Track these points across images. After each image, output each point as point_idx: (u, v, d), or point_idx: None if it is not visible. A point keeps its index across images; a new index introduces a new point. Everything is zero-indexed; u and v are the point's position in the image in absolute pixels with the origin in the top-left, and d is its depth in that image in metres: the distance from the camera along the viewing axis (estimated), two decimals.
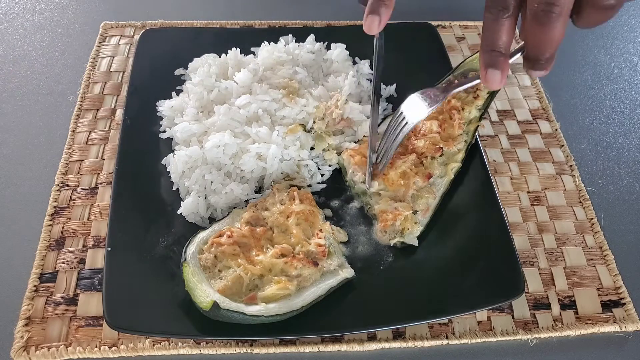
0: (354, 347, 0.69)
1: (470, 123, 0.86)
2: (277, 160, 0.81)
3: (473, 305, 0.69)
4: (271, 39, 0.97)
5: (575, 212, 0.86)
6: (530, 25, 0.54)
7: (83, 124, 0.93)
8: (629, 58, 1.12)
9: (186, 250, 0.69)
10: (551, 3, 0.51)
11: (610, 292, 0.77)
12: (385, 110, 0.95)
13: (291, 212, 0.75)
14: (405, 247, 0.76)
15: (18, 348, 0.67)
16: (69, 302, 0.72)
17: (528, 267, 0.78)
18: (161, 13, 1.14)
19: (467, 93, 0.88)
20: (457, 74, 0.92)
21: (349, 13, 1.14)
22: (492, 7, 0.56)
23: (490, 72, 0.57)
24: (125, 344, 0.68)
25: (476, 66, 0.92)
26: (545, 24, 0.53)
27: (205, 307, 0.63)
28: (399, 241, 0.76)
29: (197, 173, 0.79)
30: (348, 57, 0.97)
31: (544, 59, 0.57)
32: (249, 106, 0.84)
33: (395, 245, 0.76)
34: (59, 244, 0.78)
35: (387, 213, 0.77)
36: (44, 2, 1.16)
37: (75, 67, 1.03)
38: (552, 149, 0.94)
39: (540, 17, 0.52)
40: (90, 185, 0.85)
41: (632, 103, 1.03)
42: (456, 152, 0.83)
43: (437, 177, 0.81)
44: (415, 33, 1.04)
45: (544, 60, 0.57)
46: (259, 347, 0.69)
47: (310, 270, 0.69)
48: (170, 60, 0.97)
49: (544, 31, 0.53)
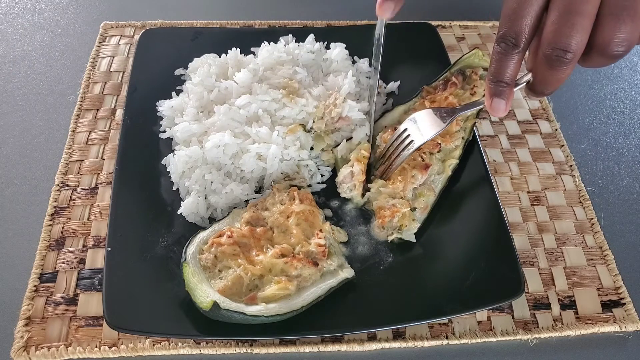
0: (354, 347, 0.69)
1: (467, 120, 0.86)
2: (277, 160, 0.81)
3: (473, 305, 0.69)
4: (271, 39, 0.97)
5: (575, 212, 0.86)
6: (541, 65, 0.56)
7: (83, 124, 0.93)
8: (629, 58, 1.12)
9: (186, 250, 0.69)
10: (565, 50, 0.53)
11: (610, 292, 0.77)
12: (384, 105, 0.95)
13: (291, 212, 0.75)
14: (405, 247, 0.76)
15: (18, 348, 0.67)
16: (69, 302, 0.72)
17: (528, 267, 0.78)
18: (161, 13, 1.14)
19: (464, 90, 0.89)
20: (454, 70, 0.92)
21: (349, 13, 1.14)
22: (503, 41, 0.57)
23: (496, 102, 0.61)
24: (125, 344, 0.68)
25: (473, 63, 0.92)
26: (556, 68, 0.55)
27: (205, 307, 0.63)
28: (396, 237, 0.76)
29: (197, 173, 0.79)
30: (348, 56, 0.97)
31: (548, 93, 0.60)
32: (249, 106, 0.84)
33: (393, 241, 0.76)
34: (59, 244, 0.78)
35: (385, 209, 0.77)
36: (44, 2, 1.16)
37: (75, 67, 1.03)
38: (552, 149, 0.94)
39: (553, 62, 0.54)
40: (90, 185, 0.85)
41: (632, 103, 1.03)
42: (454, 148, 0.84)
43: (435, 173, 0.81)
44: (415, 33, 1.04)
45: (547, 93, 0.61)
46: (259, 347, 0.69)
47: (310, 270, 0.69)
48: (170, 60, 0.97)
49: (554, 73, 0.56)
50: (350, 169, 0.81)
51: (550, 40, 0.53)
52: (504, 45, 0.57)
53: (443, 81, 0.91)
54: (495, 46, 0.58)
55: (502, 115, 0.62)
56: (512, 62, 0.58)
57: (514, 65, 0.58)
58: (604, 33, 0.52)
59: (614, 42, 0.52)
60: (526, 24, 0.55)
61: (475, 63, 0.93)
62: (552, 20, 0.53)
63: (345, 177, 0.81)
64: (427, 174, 0.80)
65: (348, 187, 0.81)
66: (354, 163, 0.81)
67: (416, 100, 0.90)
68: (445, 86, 0.89)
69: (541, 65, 0.56)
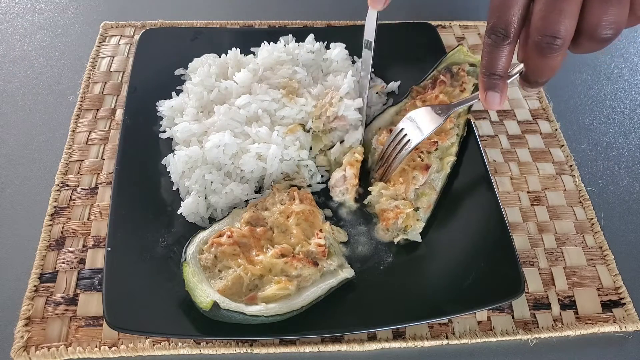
0: (354, 347, 0.69)
1: (459, 116, 0.87)
2: (277, 160, 0.81)
3: (473, 305, 0.69)
4: (271, 39, 0.97)
5: (575, 212, 0.86)
6: (532, 54, 0.56)
7: (83, 124, 0.93)
8: (629, 58, 1.12)
9: (186, 250, 0.69)
10: (554, 37, 0.53)
11: (610, 292, 0.77)
12: (385, 104, 0.95)
13: (291, 212, 0.75)
14: (405, 248, 0.76)
15: (18, 348, 0.67)
16: (69, 302, 0.72)
17: (528, 267, 0.78)
18: (161, 13, 1.14)
19: (454, 87, 0.89)
20: (441, 68, 0.92)
21: (349, 13, 1.14)
22: (493, 33, 0.57)
23: (490, 95, 0.60)
24: (125, 344, 0.68)
25: (458, 60, 0.93)
26: (547, 55, 0.55)
27: (205, 307, 0.63)
28: (402, 238, 0.76)
29: (197, 173, 0.79)
30: (347, 56, 0.97)
31: (542, 82, 0.60)
32: (249, 106, 0.84)
33: (399, 242, 0.76)
34: (59, 244, 0.78)
35: (388, 211, 0.77)
36: (44, 2, 1.16)
37: (75, 67, 1.03)
38: (552, 149, 0.94)
39: (543, 49, 0.54)
40: (90, 185, 0.85)
41: (632, 103, 1.03)
42: (450, 145, 0.84)
43: (434, 171, 0.82)
44: (415, 33, 1.04)
45: (541, 83, 0.60)
46: (259, 347, 0.69)
47: (310, 270, 0.69)
48: (170, 60, 0.97)
49: (545, 61, 0.56)
50: (342, 173, 0.81)
51: (539, 27, 0.53)
52: (494, 37, 0.57)
53: (431, 80, 0.91)
54: (485, 39, 0.58)
55: (497, 108, 0.62)
56: (503, 53, 0.58)
57: (506, 56, 0.58)
58: (592, 17, 0.52)
59: (602, 25, 0.52)
60: (514, 14, 0.55)
61: (461, 59, 0.93)
62: (540, 8, 0.53)
63: (338, 180, 0.81)
64: (428, 174, 0.80)
65: (340, 191, 0.81)
66: (347, 167, 0.81)
67: (407, 101, 0.90)
68: (434, 85, 0.89)
69: (532, 54, 0.56)
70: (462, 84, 0.88)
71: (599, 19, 0.51)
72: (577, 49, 0.55)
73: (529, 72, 0.60)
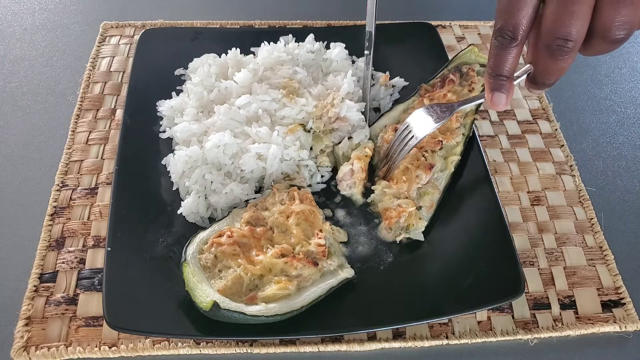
0: (354, 347, 0.69)
1: (466, 116, 0.87)
2: (277, 160, 0.81)
3: (473, 305, 0.69)
4: (271, 39, 0.97)
5: (575, 212, 0.86)
6: (543, 56, 0.56)
7: (83, 124, 0.93)
8: (629, 58, 1.12)
9: (186, 250, 0.69)
10: (566, 39, 0.52)
11: (610, 292, 0.77)
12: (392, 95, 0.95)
13: (291, 212, 0.75)
14: (405, 247, 0.76)
15: (18, 348, 0.67)
16: (69, 302, 0.72)
17: (528, 267, 0.78)
18: (161, 13, 1.14)
19: (462, 87, 0.89)
20: (451, 68, 0.92)
21: (349, 13, 1.14)
22: (500, 35, 0.57)
23: (496, 96, 0.60)
24: (125, 344, 0.68)
25: (469, 60, 0.93)
26: (558, 57, 0.54)
27: (205, 307, 0.63)
28: (405, 237, 0.76)
29: (197, 173, 0.79)
30: (347, 56, 0.97)
31: (550, 84, 0.60)
32: (249, 106, 0.84)
33: (401, 241, 0.76)
34: (59, 244, 0.78)
35: (391, 210, 0.77)
36: (44, 2, 1.16)
37: (75, 67, 1.03)
38: (552, 149, 0.94)
39: (554, 52, 0.54)
40: (90, 185, 0.85)
41: (632, 103, 1.03)
42: (455, 145, 0.84)
43: (438, 170, 0.82)
44: (415, 33, 1.04)
45: (549, 84, 0.60)
46: (259, 347, 0.69)
47: (310, 270, 0.69)
48: (170, 60, 0.97)
49: (556, 63, 0.55)
50: (350, 167, 0.81)
51: (550, 29, 0.53)
52: (502, 39, 0.57)
53: (440, 79, 0.91)
54: (492, 40, 0.58)
55: (502, 109, 0.62)
56: (510, 55, 0.58)
57: (513, 58, 0.58)
58: (604, 18, 0.51)
59: (615, 26, 0.51)
60: (523, 16, 0.55)
61: (472, 60, 0.93)
62: (551, 9, 0.53)
63: (345, 174, 0.81)
64: (431, 173, 0.80)
65: (348, 185, 0.81)
66: (354, 161, 0.81)
67: (415, 98, 0.90)
68: (443, 84, 0.89)
69: (542, 56, 0.56)
70: (470, 84, 0.88)
71: (611, 20, 0.51)
72: (588, 50, 0.55)
73: (538, 73, 0.59)
